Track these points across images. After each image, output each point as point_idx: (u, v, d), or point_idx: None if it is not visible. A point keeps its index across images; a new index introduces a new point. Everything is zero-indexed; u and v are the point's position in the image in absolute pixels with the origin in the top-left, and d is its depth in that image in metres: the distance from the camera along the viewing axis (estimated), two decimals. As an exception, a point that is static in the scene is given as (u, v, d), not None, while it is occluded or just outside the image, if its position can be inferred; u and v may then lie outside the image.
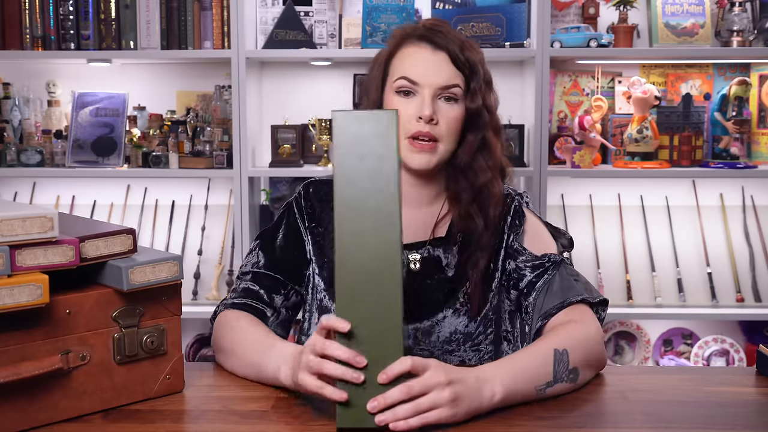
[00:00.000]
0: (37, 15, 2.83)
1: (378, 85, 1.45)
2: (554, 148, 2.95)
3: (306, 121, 2.99)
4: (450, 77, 1.38)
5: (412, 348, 1.40)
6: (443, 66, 1.39)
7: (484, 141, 1.42)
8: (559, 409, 1.15)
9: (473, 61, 1.41)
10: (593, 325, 1.30)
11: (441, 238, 1.44)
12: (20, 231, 1.01)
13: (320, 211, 1.48)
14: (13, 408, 1.04)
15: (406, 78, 1.39)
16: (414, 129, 1.37)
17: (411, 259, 1.42)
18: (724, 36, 2.87)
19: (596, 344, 1.27)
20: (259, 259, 1.45)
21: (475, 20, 2.83)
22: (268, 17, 2.93)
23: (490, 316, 1.42)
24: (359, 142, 1.07)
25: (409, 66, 1.40)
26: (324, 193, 1.49)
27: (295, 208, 1.50)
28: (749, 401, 1.20)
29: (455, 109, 1.39)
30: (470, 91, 1.41)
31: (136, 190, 3.11)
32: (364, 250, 1.05)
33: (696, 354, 3.05)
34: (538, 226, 1.46)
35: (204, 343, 3.06)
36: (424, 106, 1.36)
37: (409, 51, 1.41)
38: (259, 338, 1.27)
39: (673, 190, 3.06)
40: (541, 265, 1.38)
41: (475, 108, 1.40)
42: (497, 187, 1.43)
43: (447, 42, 1.39)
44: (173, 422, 1.10)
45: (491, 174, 1.42)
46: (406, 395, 1.03)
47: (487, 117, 1.42)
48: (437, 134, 1.37)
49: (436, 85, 1.38)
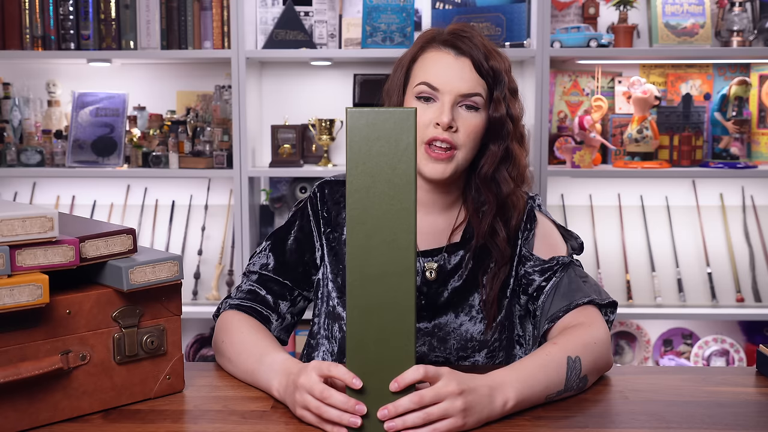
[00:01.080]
0: (37, 15, 2.83)
1: (400, 89, 1.41)
2: (554, 148, 2.95)
3: (306, 121, 2.99)
4: (472, 85, 1.35)
5: (427, 355, 1.39)
6: (465, 73, 1.35)
7: (507, 152, 1.39)
8: (559, 409, 1.15)
9: (497, 70, 1.37)
10: (602, 328, 1.29)
11: (456, 244, 1.42)
12: (20, 231, 1.01)
13: (336, 214, 1.45)
14: (13, 408, 1.04)
15: (426, 83, 1.35)
16: (431, 134, 1.33)
17: (427, 267, 1.40)
18: (724, 36, 2.88)
19: (605, 349, 1.26)
20: (268, 261, 1.42)
21: (475, 20, 2.83)
22: (268, 17, 2.93)
23: (504, 322, 1.41)
24: (374, 141, 1.00)
25: (431, 71, 1.36)
26: (340, 195, 1.46)
27: (310, 210, 1.46)
28: (749, 401, 1.20)
29: (476, 118, 1.35)
30: (493, 100, 1.37)
31: (136, 190, 3.11)
32: (377, 254, 1.01)
33: (696, 354, 3.05)
34: (550, 228, 1.45)
35: (204, 343, 3.06)
36: (443, 113, 1.32)
37: (432, 56, 1.38)
38: (255, 347, 1.26)
39: (673, 190, 3.07)
40: (549, 269, 1.37)
41: (498, 117, 1.37)
42: (521, 199, 1.41)
43: (471, 48, 1.36)
44: (173, 422, 1.10)
45: (514, 185, 1.40)
46: (417, 404, 1.02)
47: (511, 127, 1.39)
48: (455, 142, 1.34)
49: (457, 92, 1.34)
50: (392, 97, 1.42)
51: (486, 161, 1.39)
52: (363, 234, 1.02)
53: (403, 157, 1.00)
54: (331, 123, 2.88)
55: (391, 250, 1.01)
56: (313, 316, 1.49)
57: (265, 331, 1.33)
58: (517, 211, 1.40)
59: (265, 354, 1.22)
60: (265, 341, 1.27)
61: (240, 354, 1.26)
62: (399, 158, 1.00)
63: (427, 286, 1.40)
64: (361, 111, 1.01)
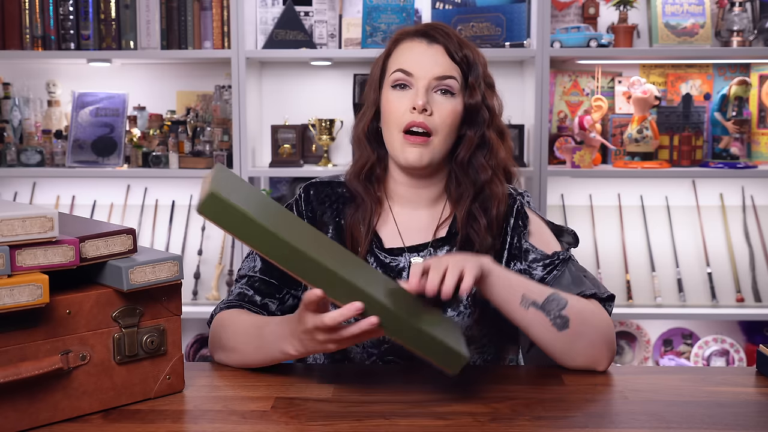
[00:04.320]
0: (37, 15, 2.83)
1: (376, 84, 1.45)
2: (554, 148, 2.95)
3: (306, 121, 2.99)
4: (445, 68, 1.38)
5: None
6: (438, 58, 1.39)
7: (484, 139, 1.41)
8: (559, 409, 1.15)
9: (471, 57, 1.40)
10: (605, 313, 1.32)
11: (442, 238, 1.44)
12: (20, 231, 1.01)
13: (321, 214, 1.47)
14: (13, 408, 1.04)
15: (401, 70, 1.39)
16: (408, 120, 1.36)
17: (414, 263, 1.41)
18: (724, 36, 2.88)
19: (605, 325, 1.29)
20: (255, 264, 1.44)
21: (475, 20, 2.83)
22: (268, 17, 2.93)
23: (493, 318, 1.42)
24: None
25: (405, 59, 1.40)
26: (325, 195, 1.49)
27: (295, 212, 1.49)
28: (749, 401, 1.20)
29: (451, 102, 1.38)
30: (468, 86, 1.40)
31: (136, 190, 3.11)
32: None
33: (696, 354, 3.05)
34: (541, 226, 1.46)
35: (204, 343, 3.06)
36: (418, 96, 1.36)
37: (406, 46, 1.42)
38: (251, 327, 1.29)
39: (673, 190, 3.06)
40: (551, 263, 1.39)
41: (474, 104, 1.40)
42: (500, 187, 1.42)
43: (443, 36, 1.40)
44: (173, 422, 1.10)
45: (492, 173, 1.42)
46: (438, 276, 1.16)
47: (488, 115, 1.41)
48: (431, 126, 1.36)
49: (431, 76, 1.37)
50: (369, 94, 1.46)
51: (462, 148, 1.42)
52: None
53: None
54: (331, 123, 2.88)
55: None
56: None
57: (255, 314, 1.36)
58: (497, 200, 1.41)
59: (261, 327, 1.25)
60: (255, 318, 1.31)
61: (244, 343, 1.28)
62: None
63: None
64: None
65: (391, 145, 1.41)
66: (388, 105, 1.40)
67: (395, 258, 1.42)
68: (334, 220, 1.46)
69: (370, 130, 1.46)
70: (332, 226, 1.45)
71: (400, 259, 1.42)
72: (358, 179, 1.46)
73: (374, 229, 1.44)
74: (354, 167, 1.48)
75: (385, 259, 1.42)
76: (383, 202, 1.47)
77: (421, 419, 1.10)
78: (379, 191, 1.47)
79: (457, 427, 1.07)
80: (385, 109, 1.41)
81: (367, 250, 1.42)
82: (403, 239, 1.44)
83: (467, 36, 2.83)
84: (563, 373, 1.30)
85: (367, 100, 1.48)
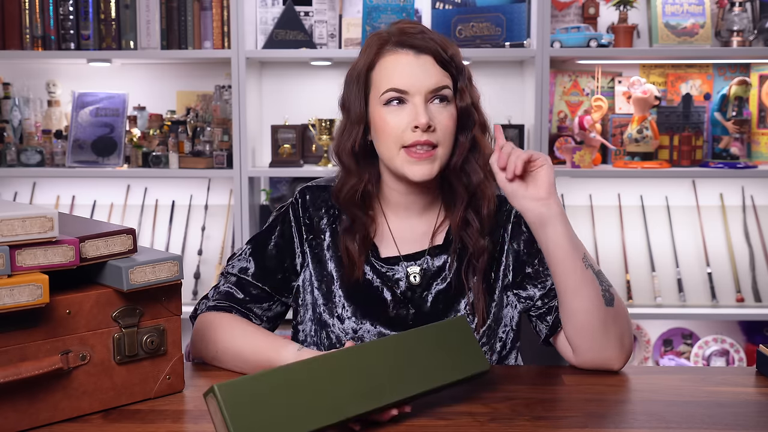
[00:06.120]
0: (37, 15, 2.83)
1: (361, 100, 1.37)
2: (554, 148, 2.95)
3: (306, 121, 2.99)
4: (439, 79, 1.33)
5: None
6: (430, 69, 1.33)
7: (474, 141, 1.39)
8: (559, 409, 1.15)
9: (457, 58, 1.37)
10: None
11: (439, 246, 1.42)
12: (20, 231, 1.01)
13: (318, 220, 1.44)
14: (13, 408, 1.04)
15: (394, 89, 1.32)
16: (411, 139, 1.31)
17: (410, 272, 1.40)
18: (724, 36, 2.88)
19: (630, 327, 1.34)
20: (248, 266, 1.42)
21: (475, 20, 2.83)
22: (268, 17, 2.93)
23: (493, 326, 1.41)
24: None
25: (395, 75, 1.33)
26: (321, 200, 1.45)
27: (291, 216, 1.44)
28: (749, 401, 1.20)
29: (449, 111, 1.34)
30: (458, 91, 1.37)
31: (136, 190, 3.11)
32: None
33: (696, 354, 3.05)
34: None
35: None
36: (419, 114, 1.30)
37: (391, 59, 1.34)
38: (256, 340, 1.27)
39: (673, 190, 3.06)
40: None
41: (465, 107, 1.37)
42: (489, 187, 1.39)
43: (428, 43, 1.34)
44: (173, 422, 1.10)
45: (483, 173, 1.39)
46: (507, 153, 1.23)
47: (475, 115, 1.39)
48: (436, 141, 1.32)
49: (427, 89, 1.32)
50: (353, 111, 1.38)
51: (457, 153, 1.38)
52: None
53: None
54: (331, 123, 2.88)
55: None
56: (296, 324, 1.48)
57: (252, 324, 1.34)
58: (487, 199, 1.39)
59: (278, 347, 1.23)
60: (264, 336, 1.29)
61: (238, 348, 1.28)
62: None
63: (411, 290, 1.40)
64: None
65: (390, 160, 1.35)
66: (383, 123, 1.33)
67: (392, 267, 1.41)
68: (331, 226, 1.43)
69: (360, 146, 1.38)
70: (329, 232, 1.43)
71: (397, 268, 1.40)
72: (353, 203, 1.39)
73: (371, 240, 1.42)
74: (345, 192, 1.40)
75: (381, 268, 1.40)
76: (378, 213, 1.43)
77: (421, 419, 1.10)
78: (372, 208, 1.42)
79: (457, 427, 1.08)
80: (379, 127, 1.34)
81: (364, 261, 1.41)
82: (399, 248, 1.42)
83: (467, 36, 2.83)
84: (563, 373, 1.30)
85: (350, 114, 1.39)
